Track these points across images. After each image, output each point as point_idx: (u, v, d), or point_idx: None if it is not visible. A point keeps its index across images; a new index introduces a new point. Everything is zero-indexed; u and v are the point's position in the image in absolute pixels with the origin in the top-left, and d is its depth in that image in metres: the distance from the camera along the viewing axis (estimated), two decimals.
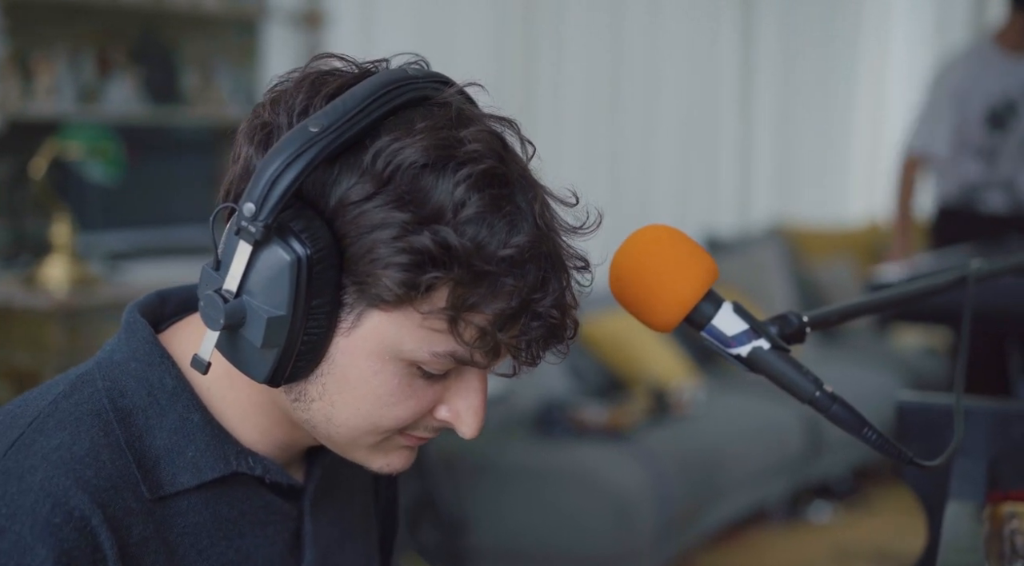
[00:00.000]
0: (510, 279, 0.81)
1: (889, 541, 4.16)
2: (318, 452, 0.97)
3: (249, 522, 0.91)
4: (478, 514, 3.38)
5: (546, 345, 0.85)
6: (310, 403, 0.86)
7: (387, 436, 0.88)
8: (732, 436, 4.05)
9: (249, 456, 0.90)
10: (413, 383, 0.85)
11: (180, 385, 0.89)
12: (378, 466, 0.90)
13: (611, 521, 3.29)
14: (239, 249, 0.81)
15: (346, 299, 0.83)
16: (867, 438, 0.92)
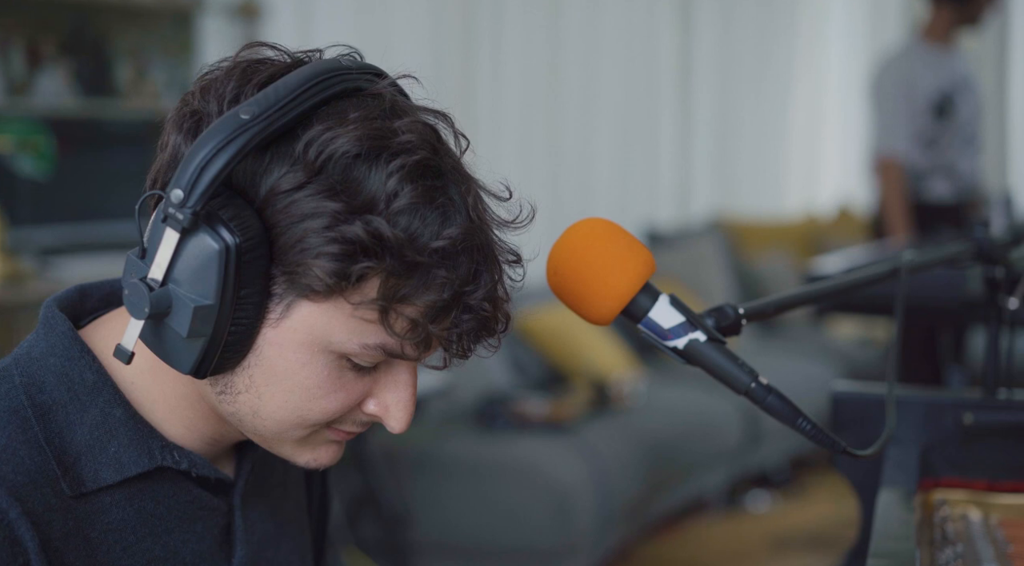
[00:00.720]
0: (442, 271, 0.81)
1: (825, 529, 4.22)
2: (248, 446, 0.96)
3: (177, 518, 0.90)
4: (419, 508, 3.37)
5: (477, 338, 0.85)
6: (236, 395, 0.85)
7: (314, 430, 0.87)
8: (672, 428, 4.08)
9: (174, 450, 0.89)
10: (342, 376, 0.84)
11: (101, 380, 0.87)
12: (304, 461, 0.89)
13: (552, 514, 3.30)
14: (166, 236, 0.80)
15: (275, 289, 0.82)
16: (801, 428, 0.93)
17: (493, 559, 3.35)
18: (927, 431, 1.42)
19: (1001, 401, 1.43)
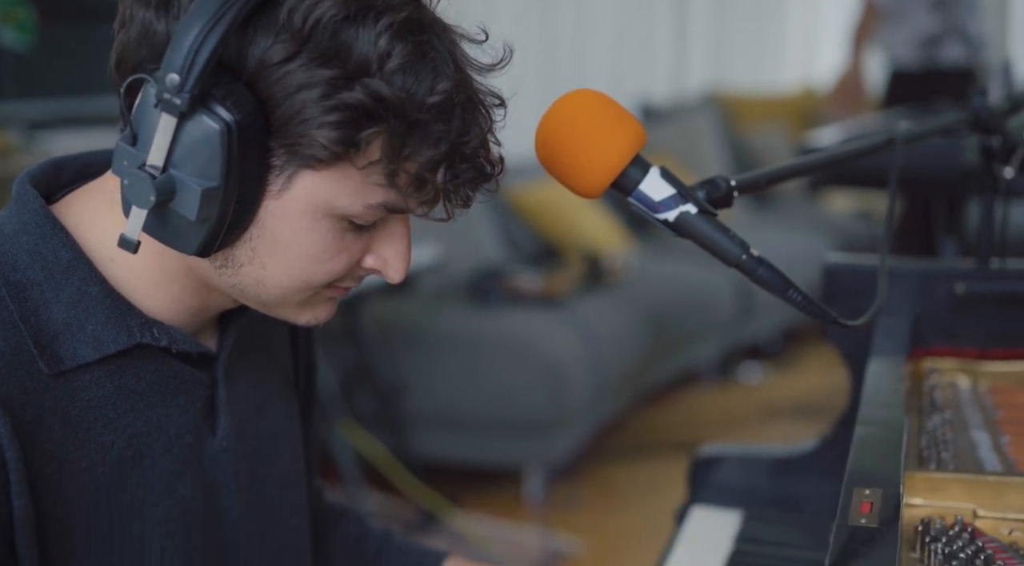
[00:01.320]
0: (439, 125, 0.81)
1: (815, 398, 4.28)
2: (231, 319, 0.96)
3: (159, 393, 0.90)
4: (414, 381, 3.41)
5: (476, 186, 0.86)
6: (238, 268, 0.85)
7: (317, 291, 0.88)
8: (665, 301, 4.11)
9: (154, 327, 0.88)
10: (344, 237, 0.85)
11: (75, 257, 0.87)
12: (305, 320, 0.90)
13: (545, 386, 3.34)
14: (162, 122, 0.78)
15: (274, 161, 0.81)
16: (792, 299, 0.93)
17: (487, 431, 3.41)
18: (919, 301, 1.43)
19: (994, 271, 1.43)
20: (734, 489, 1.53)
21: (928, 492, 1.05)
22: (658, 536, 1.49)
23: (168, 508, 0.89)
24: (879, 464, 1.05)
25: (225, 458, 0.95)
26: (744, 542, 1.42)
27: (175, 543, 0.89)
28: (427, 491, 3.22)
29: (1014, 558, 0.94)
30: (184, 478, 0.91)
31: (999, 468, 1.13)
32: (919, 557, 0.98)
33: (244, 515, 0.97)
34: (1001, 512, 1.03)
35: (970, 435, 1.22)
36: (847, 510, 0.96)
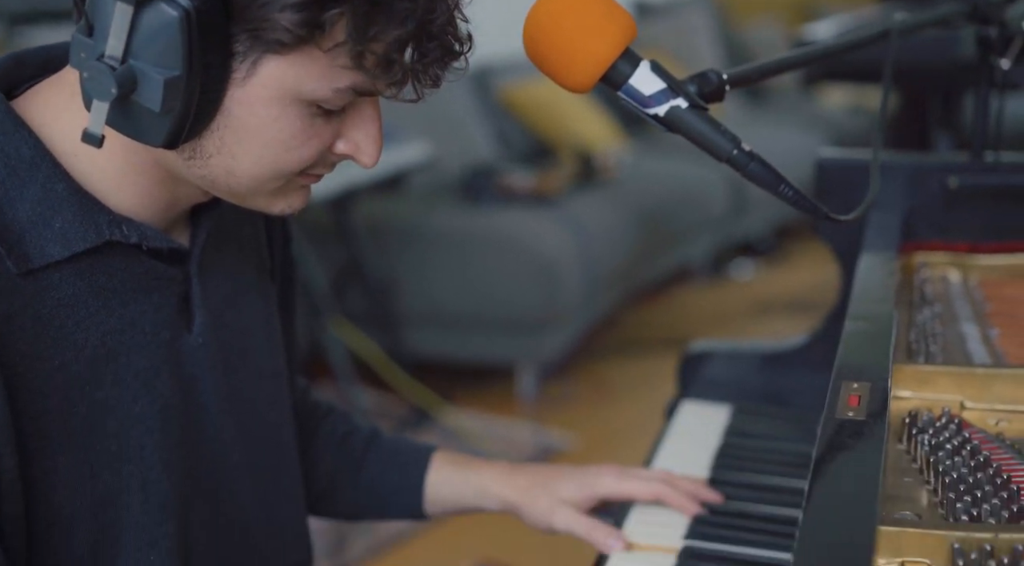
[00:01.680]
0: (405, 3, 0.79)
1: (806, 295, 4.31)
2: (203, 213, 0.95)
3: (131, 290, 0.89)
4: (405, 280, 3.41)
5: (445, 64, 0.84)
6: (207, 159, 0.84)
7: (288, 179, 0.87)
8: (658, 198, 4.09)
9: (123, 224, 0.87)
10: (313, 123, 0.84)
11: (38, 154, 0.85)
12: (279, 209, 0.89)
13: (537, 284, 3.35)
14: (118, 11, 0.76)
15: (237, 48, 0.79)
16: (783, 195, 0.92)
17: (479, 329, 3.42)
18: (911, 196, 1.42)
19: (988, 164, 1.42)
20: (723, 384, 1.54)
21: (916, 385, 1.05)
22: (649, 431, 1.51)
23: (146, 405, 0.89)
24: (868, 358, 1.05)
25: (201, 354, 0.95)
26: (733, 436, 1.43)
27: (154, 440, 0.90)
28: (420, 388, 3.25)
29: (1000, 448, 0.95)
30: (161, 375, 0.91)
31: (988, 360, 1.13)
32: (906, 448, 0.99)
33: (222, 410, 0.97)
34: (988, 403, 1.04)
35: (959, 328, 1.22)
36: (835, 404, 0.96)
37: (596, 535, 1.14)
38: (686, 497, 1.19)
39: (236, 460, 0.99)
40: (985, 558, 0.79)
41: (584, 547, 1.17)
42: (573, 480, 1.18)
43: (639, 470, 1.22)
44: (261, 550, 1.03)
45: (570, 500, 1.17)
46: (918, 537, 0.81)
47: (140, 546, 0.88)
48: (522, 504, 1.18)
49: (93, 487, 0.86)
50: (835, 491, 0.84)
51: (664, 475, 1.22)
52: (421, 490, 1.21)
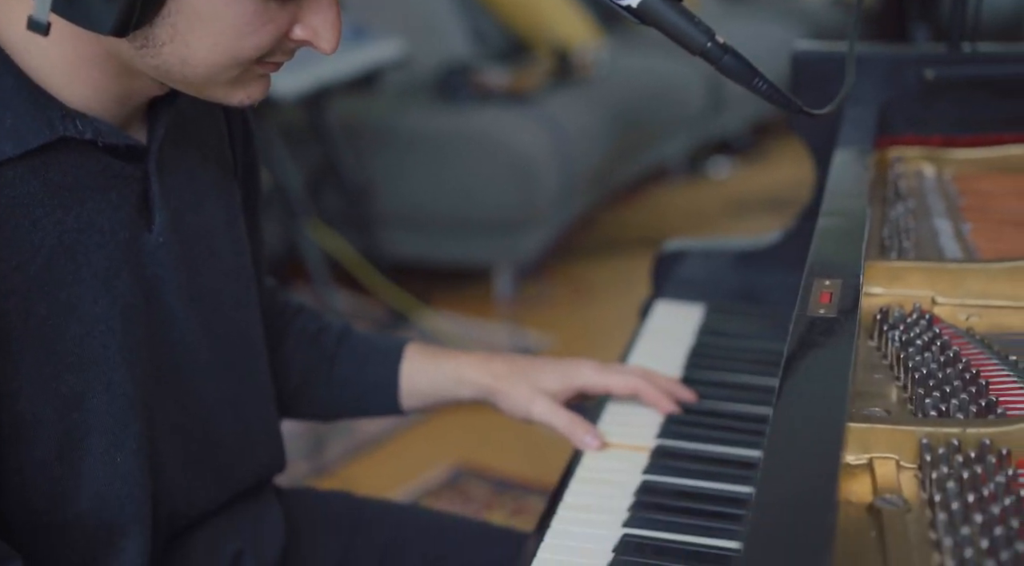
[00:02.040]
0: None
1: (783, 192, 4.30)
2: (160, 109, 0.92)
3: (88, 188, 0.87)
4: (381, 180, 3.38)
5: None
6: (160, 47, 0.81)
7: (246, 68, 0.84)
8: (635, 96, 4.05)
9: (77, 119, 0.85)
10: (267, 7, 0.81)
11: None
12: (238, 99, 0.86)
13: (514, 184, 3.32)
14: None
15: None
16: (758, 88, 0.90)
17: (456, 230, 3.40)
18: (887, 88, 1.40)
19: (965, 54, 1.40)
20: (697, 283, 1.54)
21: (888, 281, 1.05)
22: (625, 331, 1.51)
23: (106, 306, 0.88)
24: (840, 254, 1.04)
25: (163, 253, 0.93)
26: (706, 334, 1.43)
27: (117, 341, 0.88)
28: (396, 290, 3.24)
29: (970, 344, 0.95)
30: (121, 275, 0.89)
31: (960, 256, 1.13)
32: (876, 345, 0.99)
33: (187, 311, 0.96)
34: (959, 298, 1.03)
35: (932, 223, 1.21)
36: (807, 300, 0.96)
37: (575, 430, 1.14)
38: (662, 394, 1.19)
39: (203, 361, 0.98)
40: (952, 452, 0.79)
41: (558, 449, 1.17)
42: (553, 370, 1.18)
43: (618, 364, 1.23)
44: (232, 452, 1.03)
45: (550, 390, 1.17)
46: (887, 433, 0.81)
47: (106, 448, 0.88)
48: (499, 390, 1.17)
49: (57, 389, 0.85)
50: (805, 388, 0.84)
51: (642, 371, 1.22)
52: (396, 383, 1.20)
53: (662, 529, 1.01)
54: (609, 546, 0.98)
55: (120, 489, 0.89)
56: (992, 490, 0.74)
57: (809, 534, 0.67)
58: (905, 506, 0.76)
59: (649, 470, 1.11)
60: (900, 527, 0.74)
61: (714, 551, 0.97)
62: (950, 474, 0.77)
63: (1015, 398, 0.85)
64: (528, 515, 2.28)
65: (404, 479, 2.47)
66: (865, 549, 0.72)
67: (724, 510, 1.04)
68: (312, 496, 1.25)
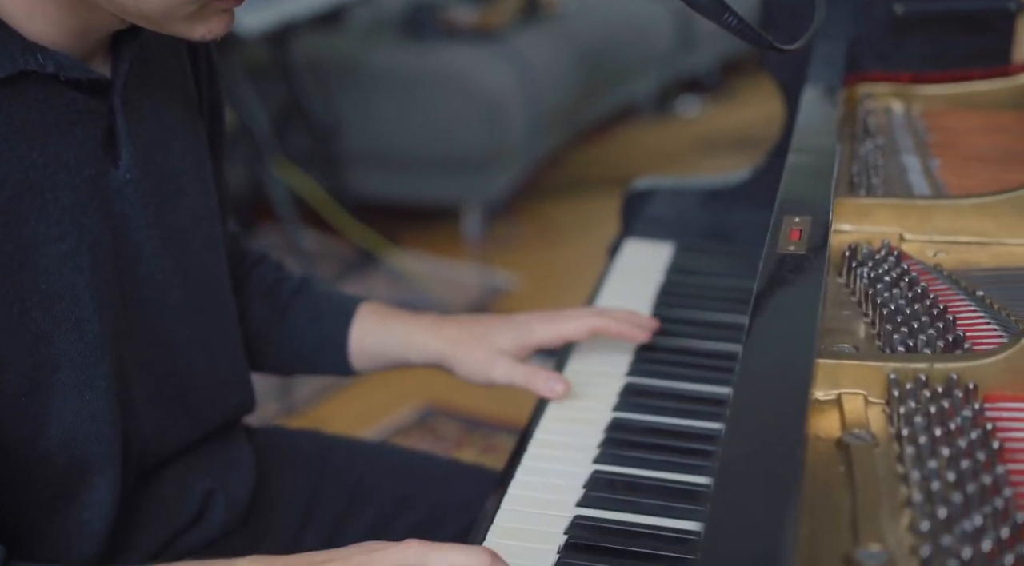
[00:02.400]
0: None
1: (752, 130, 4.29)
2: (124, 44, 0.90)
3: (52, 123, 0.86)
4: (347, 118, 3.34)
5: None
6: None
7: (203, 3, 0.82)
8: (604, 33, 4.02)
9: (38, 52, 0.83)
10: None
11: None
12: (199, 35, 0.85)
13: (482, 122, 3.30)
14: None
15: None
16: (728, 24, 0.89)
17: (424, 169, 3.38)
18: (857, 24, 1.39)
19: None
20: (667, 221, 1.54)
21: (857, 218, 1.05)
22: (594, 270, 1.51)
23: (74, 243, 0.87)
24: (809, 192, 1.04)
25: (130, 190, 0.92)
26: (675, 272, 1.43)
27: (86, 279, 0.88)
28: (364, 230, 3.22)
29: (937, 280, 0.96)
30: (88, 211, 0.88)
31: (928, 192, 1.13)
32: (845, 282, 0.99)
33: (157, 250, 0.95)
34: (927, 235, 1.04)
35: (901, 160, 1.21)
36: (776, 238, 0.96)
37: (536, 381, 1.12)
38: (624, 323, 1.17)
39: (174, 301, 0.98)
40: (920, 387, 0.80)
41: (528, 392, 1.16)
42: (508, 330, 1.15)
43: (570, 310, 1.19)
44: (202, 393, 1.03)
45: (507, 350, 1.14)
46: (855, 368, 0.82)
47: (76, 386, 0.87)
48: (454, 356, 1.15)
49: (24, 325, 0.84)
50: (774, 325, 0.84)
51: (596, 310, 1.19)
52: (345, 342, 1.18)
53: (633, 465, 1.01)
54: (580, 482, 0.99)
55: (90, 427, 0.88)
56: (959, 424, 0.75)
57: (778, 469, 0.68)
58: (873, 441, 0.77)
59: (619, 407, 1.12)
60: (868, 462, 0.74)
61: (684, 487, 0.98)
62: (917, 409, 0.77)
63: (982, 333, 0.86)
64: (498, 453, 2.30)
65: (373, 419, 2.47)
66: (833, 484, 0.73)
67: (694, 446, 1.05)
68: (282, 435, 1.25)
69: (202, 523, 1.02)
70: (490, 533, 0.92)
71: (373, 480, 1.19)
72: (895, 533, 0.68)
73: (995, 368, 0.80)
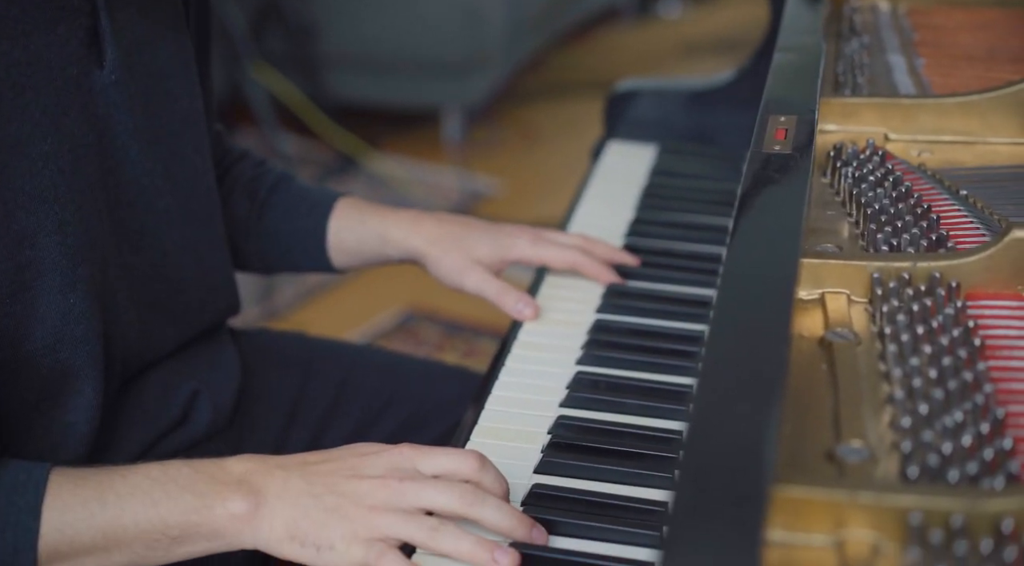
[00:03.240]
0: None
1: (734, 33, 4.24)
2: None
3: (34, 20, 0.84)
4: (326, 20, 3.28)
5: None
6: None
7: None
8: None
9: None
10: None
11: None
12: None
13: (462, 25, 3.25)
14: None
15: None
16: None
17: (404, 72, 3.34)
18: None
19: None
20: (650, 123, 1.52)
21: (842, 118, 1.04)
22: (576, 175, 1.50)
23: (56, 143, 0.86)
24: (795, 91, 1.03)
25: (115, 91, 0.90)
26: (658, 175, 1.43)
27: (68, 180, 0.86)
28: (344, 134, 3.19)
29: (921, 179, 0.96)
30: (71, 112, 0.87)
31: (913, 91, 1.12)
32: (829, 182, 0.99)
33: (144, 153, 0.94)
34: (912, 134, 1.03)
35: (886, 59, 1.20)
36: (762, 137, 0.95)
37: (506, 300, 1.10)
38: (602, 265, 1.15)
39: (163, 206, 0.97)
40: (903, 286, 0.80)
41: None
42: (487, 239, 1.14)
43: (555, 234, 1.17)
44: (188, 297, 1.02)
45: (483, 260, 1.13)
46: (838, 268, 0.82)
47: (59, 288, 0.87)
48: (429, 255, 1.14)
49: (8, 226, 0.84)
50: (759, 224, 0.84)
51: (580, 241, 1.16)
52: (323, 237, 1.17)
53: (616, 366, 1.02)
54: (563, 383, 0.99)
55: (74, 329, 0.88)
56: (941, 322, 0.76)
57: (762, 368, 0.68)
58: (855, 339, 0.77)
59: (602, 309, 1.12)
60: (850, 359, 0.75)
61: (667, 387, 0.99)
62: (900, 307, 0.78)
63: (965, 232, 0.86)
64: (480, 357, 2.31)
65: (355, 323, 2.48)
66: (816, 382, 0.74)
67: (678, 347, 1.05)
68: (267, 337, 1.25)
69: (187, 424, 1.03)
70: (474, 433, 0.93)
71: (358, 381, 1.19)
72: (876, 429, 0.69)
73: (977, 266, 0.80)
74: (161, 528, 0.79)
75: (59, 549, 0.78)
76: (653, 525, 0.81)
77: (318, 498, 0.79)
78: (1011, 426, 0.66)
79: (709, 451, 0.62)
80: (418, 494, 0.79)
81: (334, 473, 0.80)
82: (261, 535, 0.79)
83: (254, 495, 0.79)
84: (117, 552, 0.79)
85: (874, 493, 0.61)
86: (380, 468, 0.80)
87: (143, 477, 0.80)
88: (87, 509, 0.78)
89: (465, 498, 0.79)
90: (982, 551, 0.58)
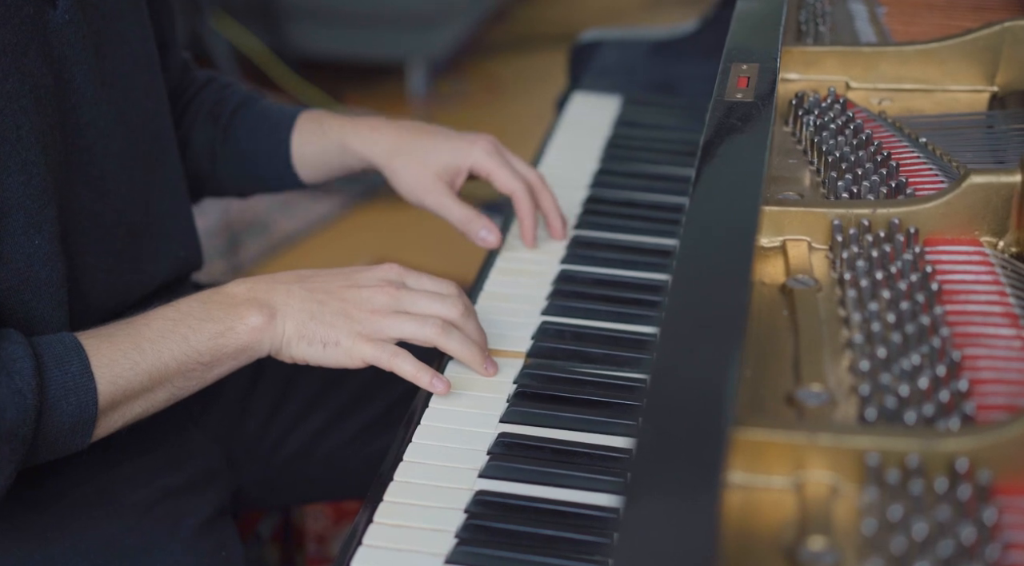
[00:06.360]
0: None
1: None
2: None
3: None
4: None
5: None
6: None
7: None
8: None
9: None
10: None
11: None
12: None
13: None
14: None
15: None
16: None
17: (368, 24, 3.31)
18: None
19: None
20: (614, 73, 1.52)
21: (803, 66, 1.05)
22: (541, 127, 1.49)
23: (16, 83, 0.85)
24: (757, 39, 1.04)
25: (69, 31, 0.90)
26: (623, 126, 1.43)
27: (30, 121, 0.86)
28: (308, 86, 3.16)
29: (882, 127, 0.96)
30: (29, 52, 0.87)
31: (874, 40, 1.13)
32: (791, 130, 0.99)
33: (98, 96, 0.94)
34: (873, 83, 1.04)
35: (848, 7, 1.21)
36: (724, 86, 0.95)
37: (473, 227, 1.09)
38: (533, 212, 1.11)
39: (116, 149, 0.96)
40: (863, 232, 0.81)
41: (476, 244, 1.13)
42: (447, 147, 1.11)
43: (516, 158, 1.14)
44: (146, 243, 1.02)
45: (441, 168, 1.10)
46: (799, 215, 0.83)
47: (24, 229, 0.87)
48: (387, 167, 1.11)
49: None
50: (722, 172, 0.85)
51: (535, 179, 1.13)
52: (287, 152, 1.15)
53: (580, 316, 1.03)
54: (529, 333, 1.00)
55: (39, 272, 0.88)
56: (899, 267, 0.77)
57: (724, 314, 0.69)
58: (816, 285, 0.78)
59: (567, 259, 1.12)
60: (811, 305, 0.76)
61: (631, 336, 1.00)
62: (860, 253, 0.79)
63: (924, 179, 0.87)
64: None
65: None
66: (777, 327, 0.75)
67: (641, 297, 1.06)
68: None
69: None
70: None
71: None
72: (836, 373, 0.70)
73: (936, 212, 0.81)
74: (195, 357, 0.88)
75: (114, 399, 0.85)
76: (617, 471, 0.82)
77: (322, 303, 0.89)
78: (966, 368, 0.68)
79: (671, 395, 0.63)
80: (414, 301, 0.89)
81: (332, 283, 0.90)
82: (276, 340, 0.89)
83: (266, 307, 0.89)
84: (160, 389, 0.88)
85: (832, 435, 0.62)
86: (374, 279, 0.91)
87: (164, 320, 0.88)
88: (129, 358, 0.86)
89: (457, 308, 0.90)
90: (937, 490, 0.59)
